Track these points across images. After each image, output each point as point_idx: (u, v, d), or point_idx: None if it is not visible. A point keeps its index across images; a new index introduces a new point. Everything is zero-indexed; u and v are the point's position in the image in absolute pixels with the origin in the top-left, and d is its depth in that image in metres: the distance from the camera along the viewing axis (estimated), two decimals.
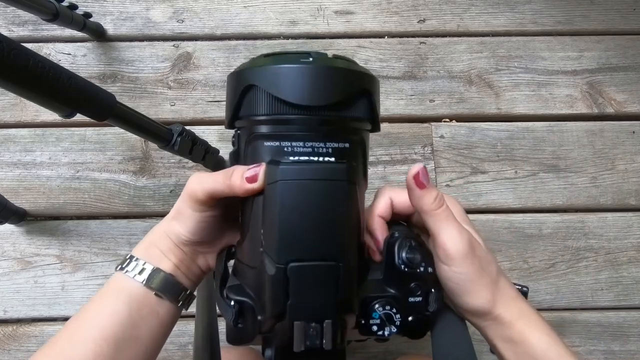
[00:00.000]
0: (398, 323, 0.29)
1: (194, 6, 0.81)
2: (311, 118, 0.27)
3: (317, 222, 0.26)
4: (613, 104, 0.80)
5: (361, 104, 0.29)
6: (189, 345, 0.73)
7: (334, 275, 0.26)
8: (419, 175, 0.28)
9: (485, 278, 0.29)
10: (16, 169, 0.76)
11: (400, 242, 0.30)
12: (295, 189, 0.26)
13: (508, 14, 0.82)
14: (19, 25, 0.80)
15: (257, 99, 0.28)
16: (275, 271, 0.26)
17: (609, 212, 0.77)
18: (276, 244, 0.26)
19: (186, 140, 0.62)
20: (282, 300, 0.26)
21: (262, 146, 0.28)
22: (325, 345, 0.26)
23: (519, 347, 0.29)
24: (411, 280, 0.30)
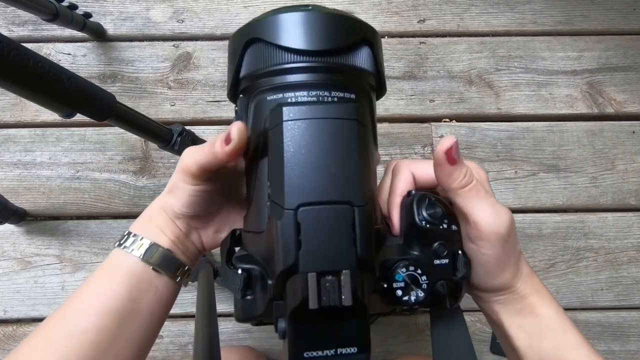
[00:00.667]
0: (425, 286, 0.26)
1: (194, 6, 0.81)
2: (315, 65, 0.26)
3: (326, 162, 0.24)
4: (613, 104, 0.80)
5: (364, 54, 0.28)
6: (189, 345, 0.73)
7: (349, 218, 0.23)
8: (451, 150, 0.25)
9: (511, 258, 0.28)
10: (16, 169, 0.76)
11: (418, 198, 0.27)
12: (301, 129, 0.24)
13: (508, 14, 0.82)
14: (19, 25, 0.80)
15: (259, 52, 0.27)
16: (284, 217, 0.23)
17: (609, 212, 0.77)
18: (284, 189, 0.23)
19: (186, 140, 0.62)
20: (293, 249, 0.23)
21: (265, 101, 0.27)
22: (344, 301, 0.22)
23: (526, 320, 0.28)
24: (434, 239, 0.27)
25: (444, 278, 0.27)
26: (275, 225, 0.23)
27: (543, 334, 0.28)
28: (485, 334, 0.75)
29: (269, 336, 0.74)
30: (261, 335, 0.74)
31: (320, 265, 0.23)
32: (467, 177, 0.26)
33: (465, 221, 0.27)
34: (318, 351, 0.23)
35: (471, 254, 0.28)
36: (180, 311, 0.73)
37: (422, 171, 0.29)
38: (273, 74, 0.27)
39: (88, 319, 0.28)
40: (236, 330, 0.74)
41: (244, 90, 0.29)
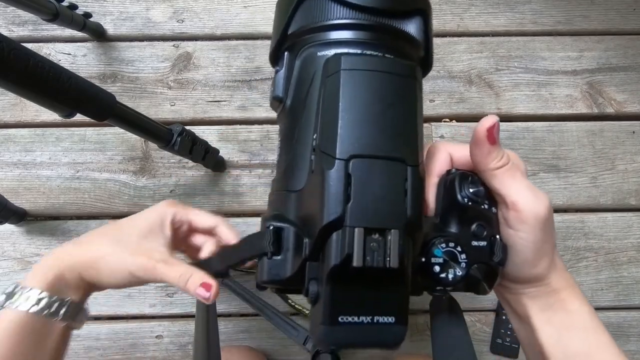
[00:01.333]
0: (464, 265, 0.25)
1: (194, 6, 0.81)
2: (370, 23, 0.25)
3: (384, 116, 0.23)
4: (613, 104, 0.80)
5: (417, 24, 0.27)
6: (189, 345, 0.73)
7: (402, 176, 0.22)
8: (493, 128, 0.25)
9: (548, 246, 0.27)
10: (16, 169, 0.76)
11: (460, 176, 0.26)
12: (361, 79, 0.23)
13: (508, 14, 0.82)
14: (19, 25, 0.80)
15: (313, 6, 0.26)
16: (335, 167, 0.22)
17: (609, 212, 0.77)
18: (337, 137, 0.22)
19: (186, 140, 0.62)
20: (341, 202, 0.21)
21: (315, 56, 0.26)
22: (392, 262, 0.21)
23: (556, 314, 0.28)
24: (474, 219, 0.26)
25: (481, 261, 0.26)
26: (324, 176, 0.22)
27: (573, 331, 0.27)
28: (485, 334, 0.75)
29: (269, 336, 0.74)
30: (261, 336, 0.74)
31: (368, 221, 0.21)
32: (505, 158, 0.26)
33: (503, 203, 0.26)
34: (354, 316, 0.22)
35: (508, 239, 0.27)
36: (180, 311, 0.73)
37: (459, 153, 0.28)
38: (325, 28, 0.26)
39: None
40: (236, 330, 0.74)
41: (290, 47, 0.28)
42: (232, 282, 0.71)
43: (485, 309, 0.75)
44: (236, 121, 0.78)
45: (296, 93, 0.27)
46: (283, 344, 0.74)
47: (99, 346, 0.72)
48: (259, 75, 0.79)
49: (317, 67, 0.25)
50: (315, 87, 0.25)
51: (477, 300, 0.76)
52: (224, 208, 0.76)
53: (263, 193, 0.76)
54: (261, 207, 0.76)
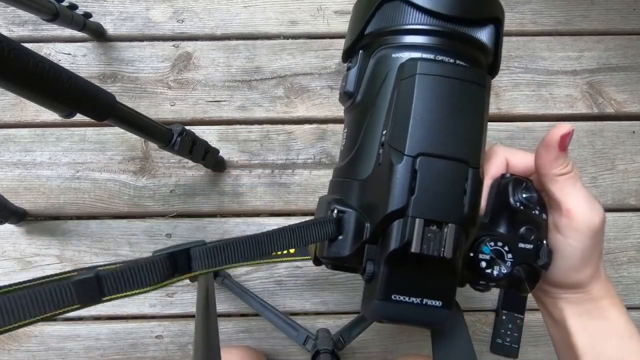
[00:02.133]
0: (509, 264, 0.26)
1: (194, 6, 0.81)
2: (444, 30, 0.27)
3: (452, 120, 0.25)
4: (613, 104, 0.80)
5: (491, 32, 0.28)
6: (189, 345, 0.73)
7: (463, 176, 0.24)
8: (567, 136, 0.26)
9: (595, 256, 0.27)
10: (16, 169, 0.76)
11: (514, 181, 0.28)
12: (434, 83, 0.25)
13: (508, 14, 0.82)
14: (19, 25, 0.80)
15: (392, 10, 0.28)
16: (403, 162, 0.24)
17: (609, 212, 0.77)
18: (407, 135, 0.24)
19: (186, 140, 0.62)
20: (406, 194, 0.24)
21: (390, 57, 0.28)
22: (446, 253, 0.23)
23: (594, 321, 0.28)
24: (523, 223, 0.27)
25: (526, 262, 0.27)
26: (392, 169, 0.24)
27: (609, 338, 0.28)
28: (485, 334, 0.75)
29: (269, 336, 0.74)
30: (261, 336, 0.74)
31: (429, 213, 0.24)
32: (570, 167, 0.27)
33: (557, 209, 0.27)
34: (406, 296, 0.24)
35: (557, 245, 0.27)
36: (180, 311, 0.73)
37: (516, 159, 0.29)
38: (402, 32, 0.28)
39: None
40: (236, 330, 0.74)
41: (366, 46, 0.30)
42: (232, 282, 0.72)
43: (485, 309, 0.75)
44: (236, 121, 0.78)
45: (367, 90, 0.29)
46: (283, 344, 0.74)
47: (99, 346, 0.72)
48: (259, 75, 0.79)
49: (391, 67, 0.27)
50: (388, 87, 0.27)
51: (477, 300, 0.76)
52: (224, 208, 0.76)
53: (263, 193, 0.76)
54: (261, 206, 0.76)
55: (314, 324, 0.75)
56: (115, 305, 0.73)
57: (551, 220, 0.28)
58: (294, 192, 0.77)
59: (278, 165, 0.77)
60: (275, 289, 0.75)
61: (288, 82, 0.79)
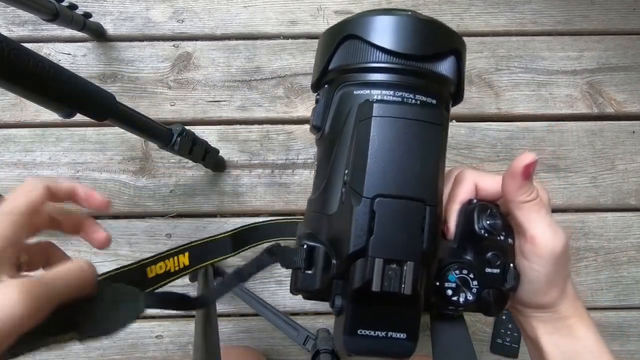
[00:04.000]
0: (475, 291, 0.27)
1: (194, 6, 0.81)
2: (404, 67, 0.28)
3: (408, 160, 0.26)
4: (613, 104, 0.80)
5: (451, 64, 0.29)
6: (189, 345, 0.73)
7: (421, 215, 0.25)
8: (531, 166, 0.27)
9: (560, 279, 0.29)
10: (16, 169, 0.76)
11: (480, 207, 0.29)
12: (389, 126, 0.26)
13: (508, 14, 0.82)
14: (19, 25, 0.80)
15: (352, 48, 0.29)
16: (361, 204, 0.25)
17: (609, 212, 0.77)
18: (365, 178, 0.25)
19: (186, 140, 0.62)
20: (365, 235, 0.25)
21: (351, 95, 0.29)
22: (404, 289, 0.24)
23: (563, 339, 0.29)
24: (489, 249, 0.28)
25: (493, 287, 0.28)
26: (352, 211, 0.25)
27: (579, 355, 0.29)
28: (485, 334, 0.75)
29: (269, 336, 0.74)
30: (261, 336, 0.74)
31: (387, 252, 0.25)
32: (534, 194, 0.27)
33: (522, 235, 0.28)
34: (371, 331, 0.26)
35: (522, 269, 0.28)
36: (180, 311, 0.73)
37: (485, 184, 0.30)
38: (363, 70, 0.28)
39: None
40: (236, 330, 0.74)
41: (331, 81, 0.30)
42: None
43: None
44: (236, 121, 0.78)
45: (333, 126, 0.30)
46: (283, 344, 0.74)
47: (98, 346, 0.72)
48: (258, 75, 0.79)
49: (352, 105, 0.28)
50: (349, 126, 0.28)
51: None
52: (224, 208, 0.76)
53: (263, 193, 0.76)
54: (261, 206, 0.76)
55: (314, 324, 0.75)
56: None
57: (518, 244, 0.29)
58: (294, 192, 0.77)
59: (278, 165, 0.77)
60: (275, 289, 0.75)
61: (288, 82, 0.79)
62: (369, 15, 0.29)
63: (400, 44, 0.28)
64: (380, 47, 0.28)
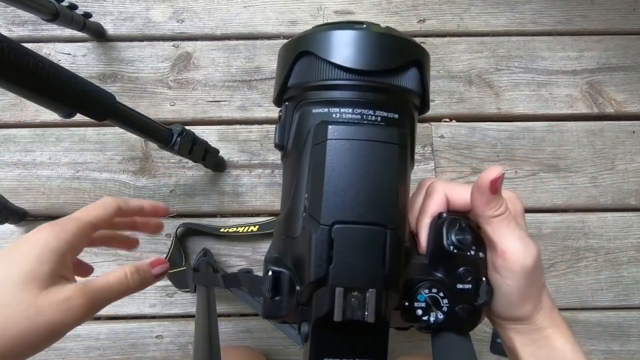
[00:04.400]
0: (445, 309, 0.27)
1: (194, 6, 0.81)
2: (362, 84, 0.27)
3: (365, 184, 0.25)
4: (613, 104, 0.80)
5: (413, 75, 0.28)
6: (189, 345, 0.73)
7: (381, 240, 0.24)
8: (497, 180, 0.26)
9: (533, 292, 0.28)
10: (16, 169, 0.76)
11: (449, 222, 0.28)
12: (345, 149, 0.25)
13: (508, 14, 0.82)
14: (19, 25, 0.80)
15: (309, 65, 0.28)
16: (319, 232, 0.24)
17: (609, 212, 0.77)
18: (322, 204, 0.25)
19: (186, 140, 0.62)
20: (324, 263, 0.24)
21: (310, 113, 0.28)
22: (367, 317, 0.24)
23: (540, 350, 0.29)
24: (460, 264, 0.28)
25: (465, 302, 0.28)
26: (310, 239, 0.25)
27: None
28: (485, 334, 0.75)
29: (269, 336, 0.74)
30: (261, 335, 0.74)
31: (348, 281, 0.24)
32: (503, 208, 0.27)
33: (493, 249, 0.28)
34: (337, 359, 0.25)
35: (495, 282, 0.28)
36: (180, 311, 0.73)
37: (457, 195, 0.29)
38: (320, 88, 0.28)
39: None
40: (236, 330, 0.74)
41: (290, 99, 0.30)
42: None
43: None
44: (236, 121, 0.78)
45: (294, 145, 0.29)
46: (283, 344, 0.74)
47: (98, 346, 0.72)
48: (259, 75, 0.79)
49: (311, 125, 0.27)
50: (308, 147, 0.27)
51: None
52: (224, 208, 0.76)
53: (263, 193, 0.76)
54: (261, 206, 0.76)
55: None
56: (115, 305, 0.73)
57: (490, 258, 0.28)
58: None
59: (278, 165, 0.77)
60: None
61: None
62: (323, 30, 0.28)
63: (356, 60, 0.26)
64: (335, 65, 0.27)
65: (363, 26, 0.27)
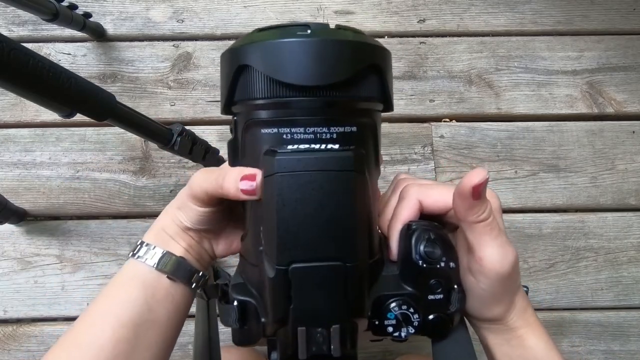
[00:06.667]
0: (416, 324, 0.26)
1: (194, 6, 0.81)
2: (313, 100, 0.24)
3: (320, 219, 0.23)
4: (613, 104, 0.80)
5: (371, 81, 0.25)
6: (189, 345, 0.73)
7: (341, 276, 0.23)
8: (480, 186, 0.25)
9: (507, 295, 0.28)
10: (16, 169, 0.76)
11: (418, 234, 0.27)
12: (294, 182, 0.23)
13: (508, 14, 0.82)
14: (19, 25, 0.80)
15: (252, 80, 0.24)
16: (275, 273, 0.23)
17: (609, 212, 0.77)
18: (275, 245, 0.23)
19: (186, 140, 0.62)
20: (284, 304, 0.23)
21: (260, 134, 0.25)
22: (333, 352, 0.23)
23: (514, 350, 0.29)
24: (430, 276, 0.27)
25: (437, 312, 0.27)
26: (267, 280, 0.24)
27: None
28: None
29: None
30: None
31: (310, 321, 0.23)
32: (486, 214, 0.26)
33: (471, 253, 0.27)
34: None
35: (468, 284, 0.28)
36: None
37: (430, 200, 0.29)
38: (267, 106, 0.25)
39: (105, 332, 0.28)
40: None
41: (239, 114, 0.28)
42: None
43: None
44: None
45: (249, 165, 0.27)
46: None
47: None
48: None
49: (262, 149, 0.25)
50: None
51: None
52: None
53: None
54: None
55: None
56: None
57: (466, 260, 0.28)
58: None
59: None
60: None
61: None
62: (262, 39, 0.24)
63: (302, 75, 0.23)
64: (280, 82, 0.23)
65: (307, 32, 0.24)
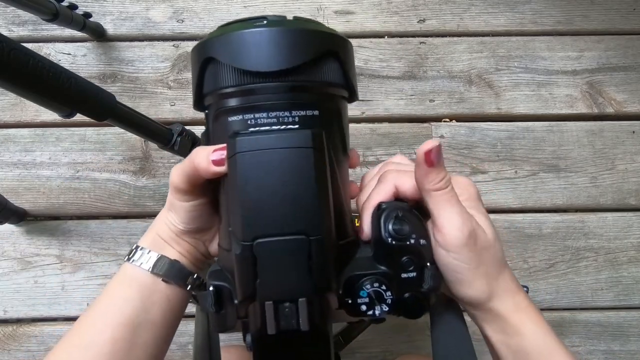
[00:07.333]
0: (389, 301, 0.27)
1: (194, 6, 0.81)
2: (273, 85, 0.26)
3: (281, 195, 0.24)
4: (613, 104, 0.80)
5: (330, 67, 0.27)
6: (189, 345, 0.73)
7: (305, 249, 0.24)
8: (431, 152, 0.26)
9: (482, 268, 0.28)
10: (16, 169, 0.76)
11: (387, 213, 0.28)
12: (254, 160, 0.24)
13: (508, 14, 0.82)
14: (19, 25, 0.80)
15: (216, 71, 0.27)
16: (241, 250, 0.24)
17: (609, 212, 0.77)
18: (240, 221, 0.24)
19: (186, 140, 0.62)
20: (251, 280, 0.24)
21: (227, 122, 0.27)
22: (301, 326, 0.24)
23: (512, 339, 0.28)
24: (402, 254, 0.27)
25: (411, 290, 0.27)
26: (235, 257, 0.24)
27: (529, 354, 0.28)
28: None
29: None
30: None
31: (276, 295, 0.24)
32: (443, 182, 0.27)
33: (434, 225, 0.28)
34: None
35: (442, 259, 0.28)
36: None
37: (405, 186, 0.29)
38: (232, 95, 0.27)
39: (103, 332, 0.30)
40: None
41: (209, 107, 0.29)
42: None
43: None
44: None
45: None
46: None
47: None
48: None
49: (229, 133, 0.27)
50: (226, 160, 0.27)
51: None
52: None
53: None
54: None
55: None
56: None
57: (433, 234, 0.28)
58: None
59: None
60: None
61: None
62: (223, 33, 0.27)
63: (261, 62, 0.25)
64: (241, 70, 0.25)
65: (264, 22, 0.27)
